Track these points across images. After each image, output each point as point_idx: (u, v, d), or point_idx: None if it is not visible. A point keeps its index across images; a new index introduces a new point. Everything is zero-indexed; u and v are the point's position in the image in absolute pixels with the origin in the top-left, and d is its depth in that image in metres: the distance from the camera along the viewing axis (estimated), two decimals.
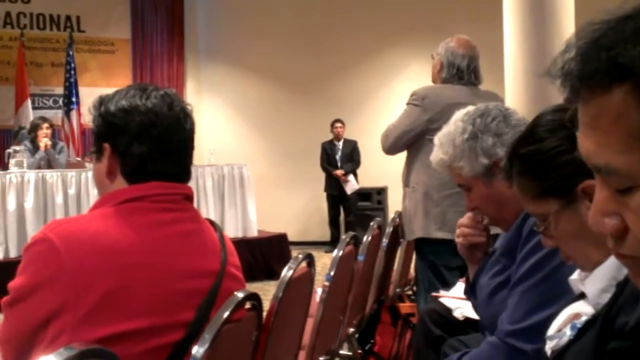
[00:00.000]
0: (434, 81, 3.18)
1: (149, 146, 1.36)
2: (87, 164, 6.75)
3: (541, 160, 1.19)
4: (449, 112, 2.96)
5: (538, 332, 1.38)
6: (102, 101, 1.42)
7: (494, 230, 1.82)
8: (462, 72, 3.06)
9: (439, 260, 2.96)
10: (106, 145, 1.39)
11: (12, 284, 1.26)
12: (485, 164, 1.71)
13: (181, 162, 1.42)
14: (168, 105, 1.39)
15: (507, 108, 1.81)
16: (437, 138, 1.83)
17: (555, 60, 0.61)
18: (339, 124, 9.04)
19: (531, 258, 1.52)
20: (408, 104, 3.09)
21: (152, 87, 1.43)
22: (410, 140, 3.02)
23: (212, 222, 1.49)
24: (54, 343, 1.19)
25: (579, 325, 1.04)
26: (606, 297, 1.00)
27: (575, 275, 1.16)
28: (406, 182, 3.11)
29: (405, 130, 3.03)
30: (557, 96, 0.65)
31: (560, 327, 1.10)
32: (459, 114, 1.82)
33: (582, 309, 1.09)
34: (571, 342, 1.03)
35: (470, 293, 1.80)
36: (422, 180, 2.98)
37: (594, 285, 1.08)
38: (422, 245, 3.04)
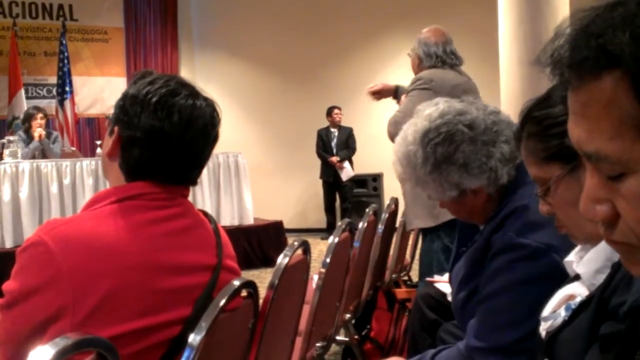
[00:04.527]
0: (415, 74, 3.22)
1: (151, 153, 1.34)
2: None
3: (551, 124, 1.18)
4: (453, 93, 3.00)
5: (501, 352, 1.40)
6: (135, 79, 1.39)
7: None
8: (442, 57, 3.18)
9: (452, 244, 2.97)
10: (116, 129, 1.37)
11: (7, 287, 1.23)
12: (455, 195, 1.62)
13: (187, 172, 1.39)
14: (189, 120, 1.34)
15: (472, 122, 1.57)
16: (394, 151, 1.67)
17: (544, 48, 0.61)
18: (337, 111, 9.02)
19: (500, 277, 1.48)
20: (414, 89, 3.09)
21: (187, 92, 1.36)
22: None
23: (205, 214, 1.48)
24: None
25: (573, 306, 1.04)
26: (601, 278, 1.00)
27: (571, 257, 1.17)
28: None
29: None
30: (551, 82, 0.65)
31: (555, 309, 1.11)
32: (412, 129, 1.62)
33: (577, 290, 1.10)
34: (566, 323, 1.04)
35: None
36: None
37: (588, 266, 1.09)
38: (440, 228, 3.04)
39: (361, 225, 2.84)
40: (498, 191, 1.61)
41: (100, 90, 9.41)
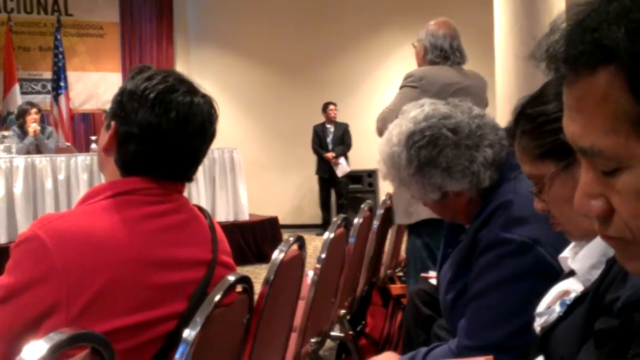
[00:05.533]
0: (419, 67, 3.19)
1: (148, 148, 1.33)
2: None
3: (545, 122, 1.17)
4: (445, 92, 3.00)
5: (493, 349, 1.40)
6: (133, 74, 1.38)
7: None
8: (447, 52, 3.12)
9: (434, 242, 2.97)
10: (112, 124, 1.36)
11: (1, 282, 1.23)
12: (437, 197, 1.64)
13: (183, 169, 1.39)
14: (186, 117, 1.34)
15: (456, 126, 1.59)
16: (379, 151, 1.69)
17: (539, 42, 0.61)
18: (332, 106, 9.02)
19: (488, 274, 1.48)
20: (404, 86, 3.08)
21: (185, 88, 1.36)
22: None
23: (201, 209, 1.48)
24: None
25: (568, 302, 1.04)
26: (596, 274, 1.00)
27: (565, 253, 1.17)
28: None
29: None
30: (546, 77, 0.65)
31: (550, 304, 1.11)
32: (397, 130, 1.64)
33: (572, 286, 1.10)
34: (560, 319, 1.04)
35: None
36: None
37: (583, 262, 1.08)
38: (419, 226, 3.05)
39: (356, 221, 2.85)
40: (479, 193, 1.62)
41: (95, 85, 9.38)
